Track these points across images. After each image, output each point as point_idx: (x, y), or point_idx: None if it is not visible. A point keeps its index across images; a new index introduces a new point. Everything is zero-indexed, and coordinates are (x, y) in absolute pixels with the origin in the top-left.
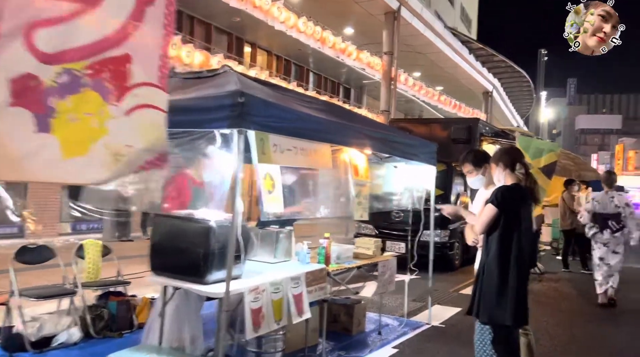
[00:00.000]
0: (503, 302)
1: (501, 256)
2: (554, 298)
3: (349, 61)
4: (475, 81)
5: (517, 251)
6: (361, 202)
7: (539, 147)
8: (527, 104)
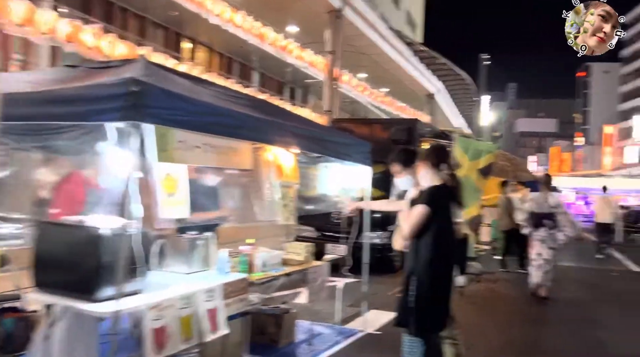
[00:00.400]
0: (436, 311)
1: (433, 260)
2: (491, 299)
3: (291, 59)
4: (418, 83)
5: (449, 255)
6: (287, 204)
7: (478, 148)
8: (470, 107)
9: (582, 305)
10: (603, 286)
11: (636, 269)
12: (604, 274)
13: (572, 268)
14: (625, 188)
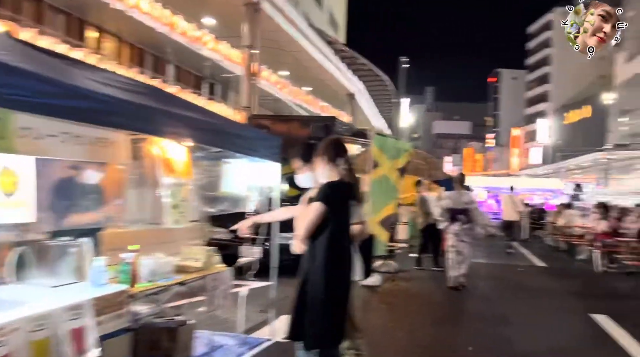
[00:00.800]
0: (334, 320)
1: (329, 263)
2: (404, 298)
3: (206, 52)
4: (339, 83)
5: (347, 258)
6: (178, 205)
7: (396, 147)
8: (389, 108)
9: (491, 301)
10: (511, 281)
11: (540, 263)
12: (511, 270)
13: (482, 264)
14: (531, 187)
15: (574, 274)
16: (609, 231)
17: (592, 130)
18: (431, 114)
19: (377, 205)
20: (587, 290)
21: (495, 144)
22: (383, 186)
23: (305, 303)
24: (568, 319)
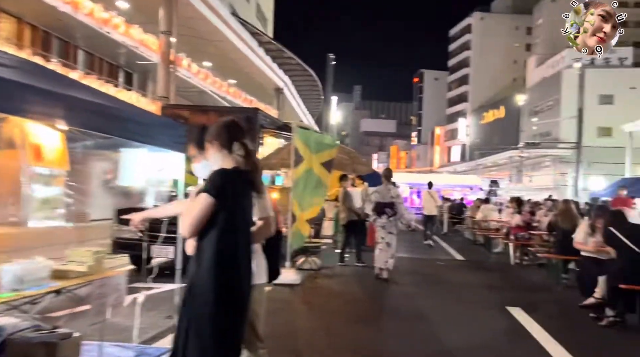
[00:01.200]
0: (225, 334)
1: (218, 267)
2: (325, 297)
3: (117, 36)
4: (266, 76)
5: (242, 259)
6: (49, 200)
7: (320, 141)
8: (317, 104)
9: (412, 297)
10: (432, 275)
11: (459, 257)
12: (431, 264)
13: (404, 259)
14: (451, 183)
15: (491, 266)
16: (522, 225)
17: (506, 129)
18: (359, 112)
19: (304, 201)
20: (502, 283)
21: (419, 142)
22: (309, 181)
23: (189, 314)
24: (486, 313)
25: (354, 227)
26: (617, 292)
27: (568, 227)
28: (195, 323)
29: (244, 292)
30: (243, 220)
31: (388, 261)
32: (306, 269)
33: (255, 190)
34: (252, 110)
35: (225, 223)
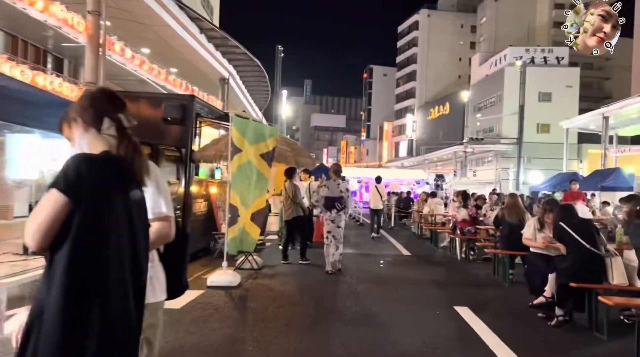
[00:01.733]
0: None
1: (70, 297)
2: (262, 301)
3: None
4: (210, 66)
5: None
6: None
7: (259, 131)
8: (265, 96)
9: (357, 297)
10: (378, 273)
11: (405, 252)
12: (378, 260)
13: (350, 255)
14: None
15: (437, 262)
16: (468, 219)
17: (451, 125)
18: (309, 107)
19: (247, 196)
20: (449, 279)
21: (368, 137)
22: (249, 174)
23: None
24: (434, 315)
25: (298, 224)
26: (567, 290)
27: (515, 221)
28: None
29: (124, 322)
30: (116, 224)
31: (336, 254)
32: (247, 268)
33: (135, 183)
34: (187, 97)
35: (83, 230)
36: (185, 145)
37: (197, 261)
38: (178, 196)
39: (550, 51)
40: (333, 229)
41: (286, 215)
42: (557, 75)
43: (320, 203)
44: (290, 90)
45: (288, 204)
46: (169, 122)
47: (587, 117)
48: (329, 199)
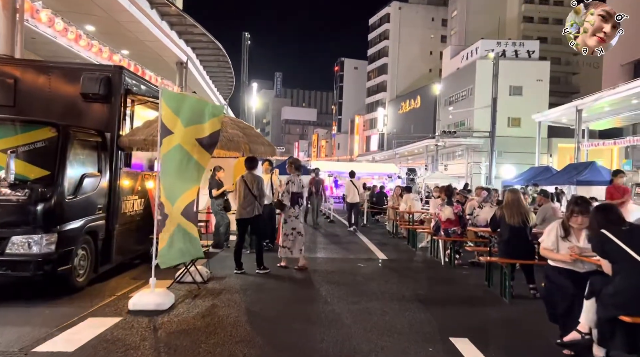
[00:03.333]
0: None
1: None
2: (197, 335)
3: None
4: (164, 47)
5: None
6: None
7: (198, 109)
8: (229, 85)
9: (323, 325)
10: (351, 285)
11: (381, 255)
12: (351, 266)
13: (320, 260)
14: (371, 171)
15: (418, 268)
16: (453, 218)
17: (422, 119)
18: (280, 100)
19: (174, 188)
20: (437, 294)
21: (339, 131)
22: (178, 162)
23: None
24: (425, 351)
25: (257, 224)
26: (614, 325)
27: (516, 223)
28: None
29: None
30: None
31: (301, 250)
32: (188, 282)
33: None
34: (113, 68)
35: None
36: (111, 129)
37: (129, 271)
38: (99, 192)
39: (521, 44)
40: (298, 225)
41: (243, 212)
42: (528, 69)
43: (287, 199)
44: (261, 83)
45: (247, 200)
46: (89, 99)
47: (560, 110)
48: (295, 194)
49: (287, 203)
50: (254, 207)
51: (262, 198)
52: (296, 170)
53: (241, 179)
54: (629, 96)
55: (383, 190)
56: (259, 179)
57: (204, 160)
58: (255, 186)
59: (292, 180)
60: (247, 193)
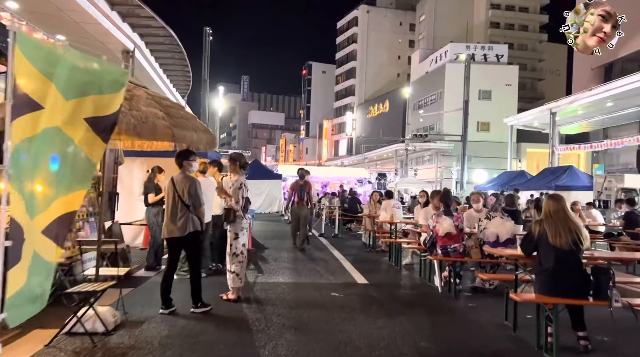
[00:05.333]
0: None
1: None
2: None
3: None
4: (106, 32)
5: None
6: None
7: (87, 74)
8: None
9: None
10: (325, 329)
11: (360, 279)
12: (324, 296)
13: (282, 286)
14: (340, 176)
15: (410, 298)
16: (454, 233)
17: (391, 123)
18: (247, 104)
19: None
20: (447, 349)
21: (307, 135)
22: (55, 154)
23: None
24: None
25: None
26: None
27: (565, 245)
28: None
29: None
30: None
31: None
32: (82, 334)
33: None
34: None
35: None
36: None
37: None
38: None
39: (490, 48)
40: (246, 240)
41: (172, 229)
42: (496, 73)
43: (239, 206)
44: (227, 87)
45: (177, 211)
46: None
47: (533, 113)
48: (248, 201)
49: (240, 212)
50: (187, 221)
51: (198, 208)
52: (241, 168)
53: (170, 183)
54: (604, 99)
55: (355, 195)
56: (191, 181)
57: (97, 152)
58: (187, 192)
59: (242, 181)
60: (176, 202)
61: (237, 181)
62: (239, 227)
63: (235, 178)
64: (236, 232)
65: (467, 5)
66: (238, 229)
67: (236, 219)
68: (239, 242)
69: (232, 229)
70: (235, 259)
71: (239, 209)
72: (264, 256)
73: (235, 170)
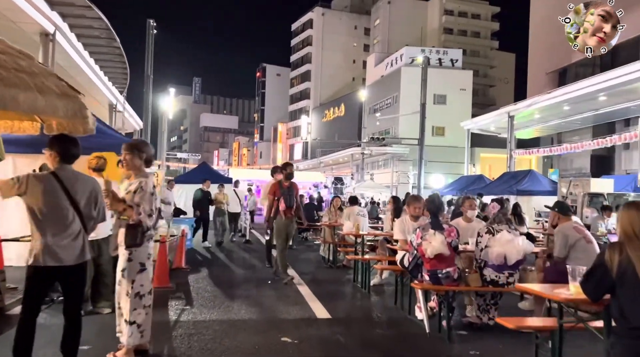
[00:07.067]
0: None
1: None
2: None
3: None
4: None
5: None
6: None
7: None
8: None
9: None
10: None
11: (321, 312)
12: (271, 343)
13: (215, 327)
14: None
15: (392, 345)
16: (447, 254)
17: (347, 127)
18: (199, 106)
19: None
20: None
21: (261, 139)
22: None
23: None
24: None
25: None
26: None
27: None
28: None
29: None
30: None
31: None
32: None
33: None
34: None
35: None
36: None
37: None
38: None
39: (445, 53)
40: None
41: (40, 255)
42: (451, 77)
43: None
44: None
45: (61, 227)
46: None
47: (491, 116)
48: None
49: (152, 230)
50: (80, 242)
51: (94, 221)
52: (146, 164)
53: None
54: (561, 102)
55: (313, 200)
56: (84, 181)
57: None
58: (88, 197)
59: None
60: (58, 211)
61: (145, 184)
62: (145, 254)
63: (141, 179)
64: (141, 262)
65: (421, 10)
66: (144, 257)
67: (144, 240)
68: (144, 276)
69: (134, 258)
70: (138, 302)
71: (150, 226)
72: (197, 278)
73: (137, 166)
